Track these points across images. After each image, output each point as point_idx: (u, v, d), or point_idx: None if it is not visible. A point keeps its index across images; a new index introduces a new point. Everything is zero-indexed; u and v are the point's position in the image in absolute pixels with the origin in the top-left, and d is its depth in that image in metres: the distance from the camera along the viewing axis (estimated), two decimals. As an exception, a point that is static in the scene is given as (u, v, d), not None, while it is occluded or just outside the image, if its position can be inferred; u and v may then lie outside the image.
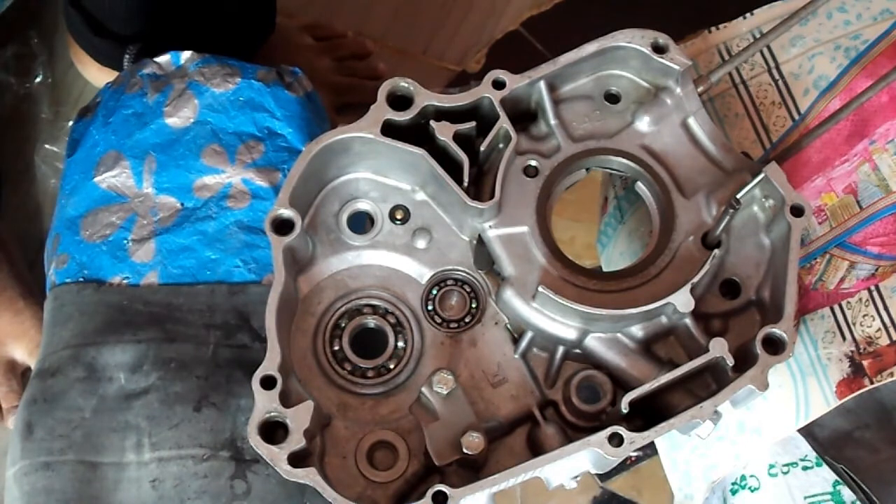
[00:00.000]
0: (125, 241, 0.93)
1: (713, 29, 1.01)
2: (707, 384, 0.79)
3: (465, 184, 0.81)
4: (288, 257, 0.79)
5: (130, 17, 1.17)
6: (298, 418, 0.74)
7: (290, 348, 0.81)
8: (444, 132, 0.81)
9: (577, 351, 0.82)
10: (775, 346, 0.76)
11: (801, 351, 0.88)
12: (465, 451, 0.76)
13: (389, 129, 0.81)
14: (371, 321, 0.83)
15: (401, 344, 0.83)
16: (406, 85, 0.81)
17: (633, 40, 0.84)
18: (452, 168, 0.81)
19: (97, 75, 1.28)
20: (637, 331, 0.81)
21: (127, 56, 1.13)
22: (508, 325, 0.83)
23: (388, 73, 0.80)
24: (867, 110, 0.92)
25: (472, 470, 0.78)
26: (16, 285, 1.13)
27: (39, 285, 0.99)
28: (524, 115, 0.86)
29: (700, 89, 0.86)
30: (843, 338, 0.87)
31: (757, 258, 0.83)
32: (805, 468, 0.92)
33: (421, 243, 0.84)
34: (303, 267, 0.83)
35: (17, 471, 0.87)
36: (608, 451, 0.74)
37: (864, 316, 0.87)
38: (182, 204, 0.94)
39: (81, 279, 0.92)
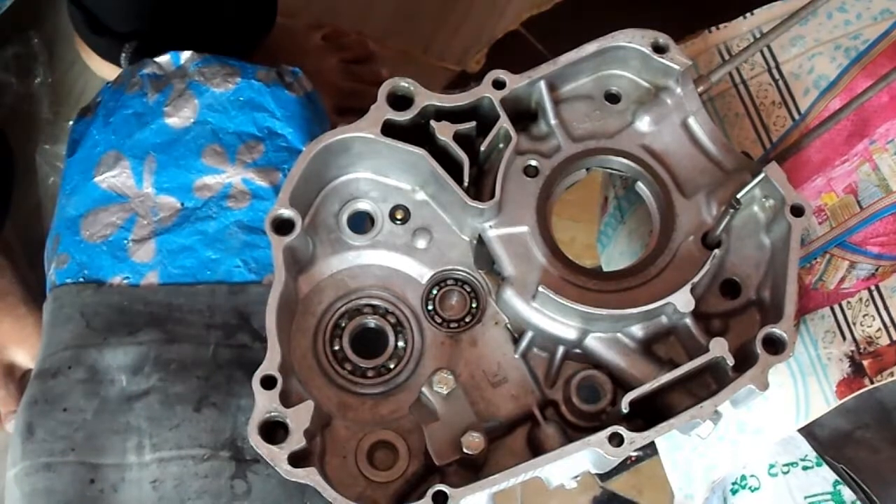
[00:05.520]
0: (125, 241, 0.93)
1: (713, 29, 1.01)
2: (707, 384, 0.79)
3: (465, 184, 0.81)
4: (288, 257, 0.79)
5: (129, 15, 1.17)
6: (298, 418, 0.74)
7: (291, 348, 0.81)
8: (444, 132, 0.81)
9: (578, 351, 0.82)
10: (775, 346, 0.76)
11: (802, 351, 0.88)
12: (465, 450, 0.76)
13: (390, 129, 0.81)
14: (371, 321, 0.83)
15: (401, 344, 0.83)
16: (406, 85, 0.81)
17: (634, 40, 0.84)
18: (452, 168, 0.81)
19: (101, 66, 1.28)
20: (637, 331, 0.81)
21: (124, 54, 1.13)
22: (508, 325, 0.83)
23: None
24: (867, 110, 0.92)
25: (473, 470, 0.78)
26: (18, 290, 1.13)
27: (41, 287, 0.99)
28: (524, 115, 0.86)
29: (700, 89, 0.86)
30: (844, 338, 0.87)
31: (757, 258, 0.83)
32: (805, 468, 0.92)
33: (421, 243, 0.84)
34: (303, 267, 0.83)
35: (18, 472, 0.87)
36: (608, 450, 0.74)
37: (865, 316, 0.87)
38: (182, 204, 0.94)
39: (81, 279, 0.92)
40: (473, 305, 0.83)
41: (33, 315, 1.12)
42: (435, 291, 0.84)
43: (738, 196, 0.79)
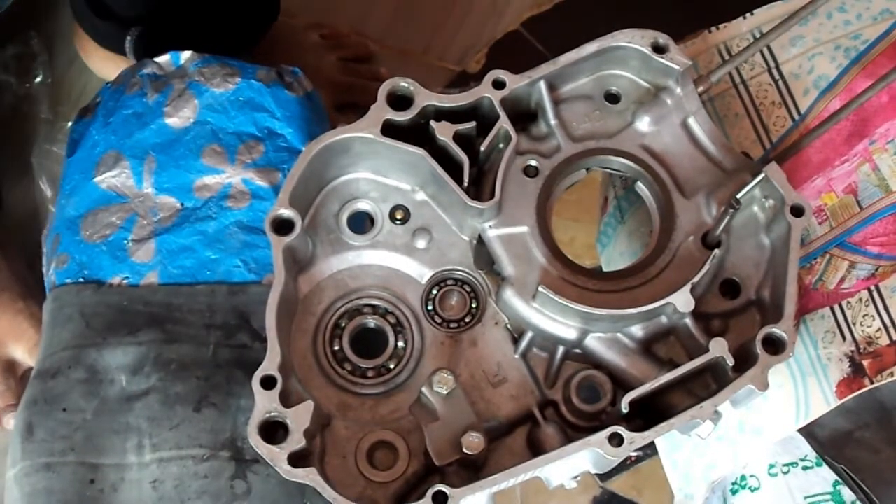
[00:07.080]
0: (125, 242, 0.93)
1: (713, 29, 1.01)
2: (707, 384, 0.79)
3: (465, 184, 0.81)
4: (288, 257, 0.79)
5: (134, 0, 1.17)
6: (298, 418, 0.74)
7: (291, 348, 0.81)
8: (444, 132, 0.81)
9: (577, 351, 0.82)
10: (775, 346, 0.76)
11: (801, 351, 0.88)
12: (465, 451, 0.76)
13: (389, 129, 0.81)
14: (371, 321, 0.83)
15: (401, 344, 0.83)
16: (406, 85, 0.81)
17: (633, 40, 0.85)
18: (452, 168, 0.81)
19: (100, 65, 1.28)
20: (637, 331, 0.81)
21: (129, 39, 1.13)
22: (508, 325, 0.83)
23: (389, 77, 0.81)
24: (867, 110, 0.92)
25: (472, 470, 0.78)
26: (15, 286, 1.13)
27: (39, 287, 0.99)
28: (524, 115, 0.86)
29: (700, 89, 0.86)
30: (843, 338, 0.87)
31: (757, 258, 0.83)
32: (805, 468, 0.92)
33: (421, 243, 0.84)
34: (303, 267, 0.83)
35: (18, 472, 0.87)
36: (608, 450, 0.74)
37: (864, 316, 0.87)
38: (182, 204, 0.94)
39: (81, 279, 0.92)
40: (473, 305, 0.83)
41: (30, 311, 1.12)
42: (435, 291, 0.84)
43: (738, 196, 0.79)
